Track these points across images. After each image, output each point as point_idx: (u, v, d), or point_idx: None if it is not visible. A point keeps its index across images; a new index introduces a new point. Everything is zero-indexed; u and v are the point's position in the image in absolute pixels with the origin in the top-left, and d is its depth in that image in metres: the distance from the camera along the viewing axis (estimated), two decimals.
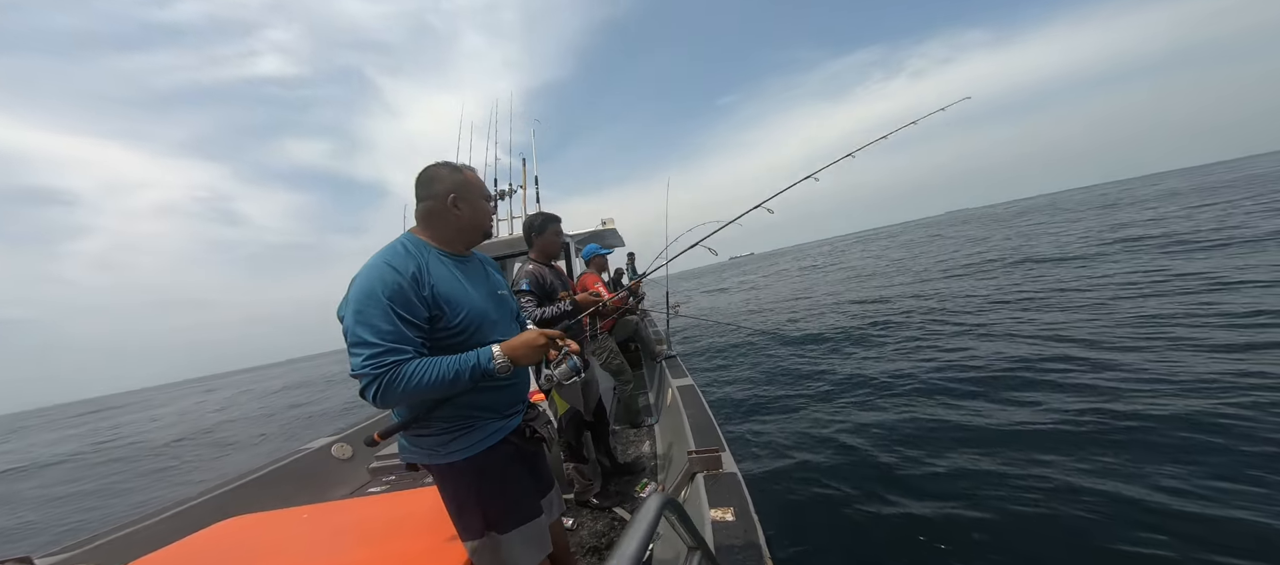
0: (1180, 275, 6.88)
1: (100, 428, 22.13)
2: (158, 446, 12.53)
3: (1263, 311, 4.69)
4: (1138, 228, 13.18)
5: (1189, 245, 9.01)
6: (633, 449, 3.32)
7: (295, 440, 7.02)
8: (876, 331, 7.35)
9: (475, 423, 1.21)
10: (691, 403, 2.65)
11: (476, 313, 1.22)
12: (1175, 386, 3.58)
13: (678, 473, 2.03)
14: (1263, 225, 9.64)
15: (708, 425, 2.30)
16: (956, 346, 5.69)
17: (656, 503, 0.85)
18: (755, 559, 1.22)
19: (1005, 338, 5.60)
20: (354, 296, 1.08)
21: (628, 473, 2.85)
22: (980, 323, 6.56)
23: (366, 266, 1.13)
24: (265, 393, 24.95)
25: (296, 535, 1.65)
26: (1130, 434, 3.10)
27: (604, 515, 2.47)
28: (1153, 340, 4.58)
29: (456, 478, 1.22)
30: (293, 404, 16.97)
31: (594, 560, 2.15)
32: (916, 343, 6.23)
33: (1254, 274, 6.14)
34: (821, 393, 5.01)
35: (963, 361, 5.04)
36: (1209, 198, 18.34)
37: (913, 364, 5.35)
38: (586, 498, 2.57)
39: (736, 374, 6.61)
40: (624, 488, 2.70)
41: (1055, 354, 4.68)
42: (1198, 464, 2.69)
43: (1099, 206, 26.52)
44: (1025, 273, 9.98)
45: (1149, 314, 5.39)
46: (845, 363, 6.02)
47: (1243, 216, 11.52)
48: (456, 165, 1.27)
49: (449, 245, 1.26)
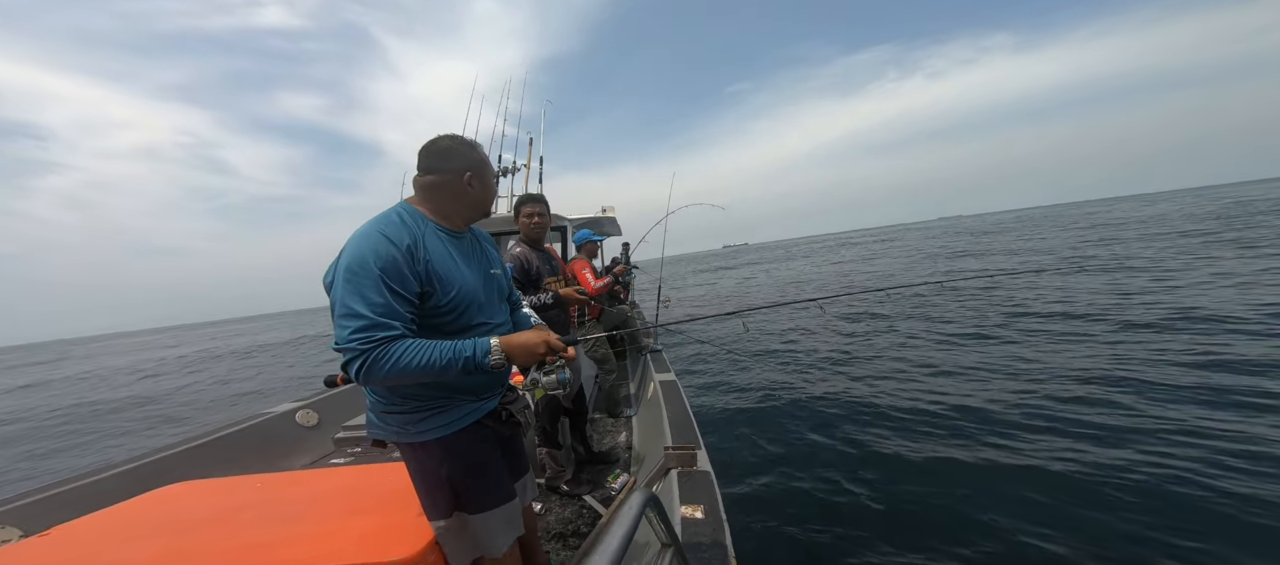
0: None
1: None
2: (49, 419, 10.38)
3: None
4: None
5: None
6: (609, 438, 3.30)
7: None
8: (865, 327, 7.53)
9: (450, 403, 1.17)
10: (672, 398, 2.64)
11: (468, 292, 1.17)
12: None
13: (652, 467, 2.02)
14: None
15: (686, 422, 2.29)
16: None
17: (640, 499, 0.84)
18: (721, 558, 1.23)
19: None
20: (345, 264, 1.02)
21: (601, 462, 2.84)
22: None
23: (359, 234, 1.06)
24: (230, 352, 23.81)
25: (245, 505, 1.52)
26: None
27: (573, 502, 2.45)
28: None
29: (425, 457, 1.18)
30: (259, 369, 16.00)
31: (559, 546, 2.13)
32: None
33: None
34: (793, 400, 5.10)
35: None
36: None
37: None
38: (557, 484, 2.54)
39: (713, 370, 6.67)
40: (596, 476, 2.68)
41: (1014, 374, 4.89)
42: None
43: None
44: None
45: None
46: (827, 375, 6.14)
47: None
48: (473, 142, 1.24)
49: (448, 221, 1.22)
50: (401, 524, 1.31)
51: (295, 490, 1.64)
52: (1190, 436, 3.22)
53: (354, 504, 1.48)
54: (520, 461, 1.48)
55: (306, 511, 1.46)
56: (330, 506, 1.48)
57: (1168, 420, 3.47)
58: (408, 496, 1.48)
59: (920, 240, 37.45)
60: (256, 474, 1.82)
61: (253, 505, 1.53)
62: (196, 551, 1.27)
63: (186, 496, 1.64)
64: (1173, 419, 3.48)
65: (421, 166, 1.19)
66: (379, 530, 1.30)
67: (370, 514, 1.40)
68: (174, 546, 1.29)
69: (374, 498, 1.51)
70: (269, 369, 15.50)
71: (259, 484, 1.69)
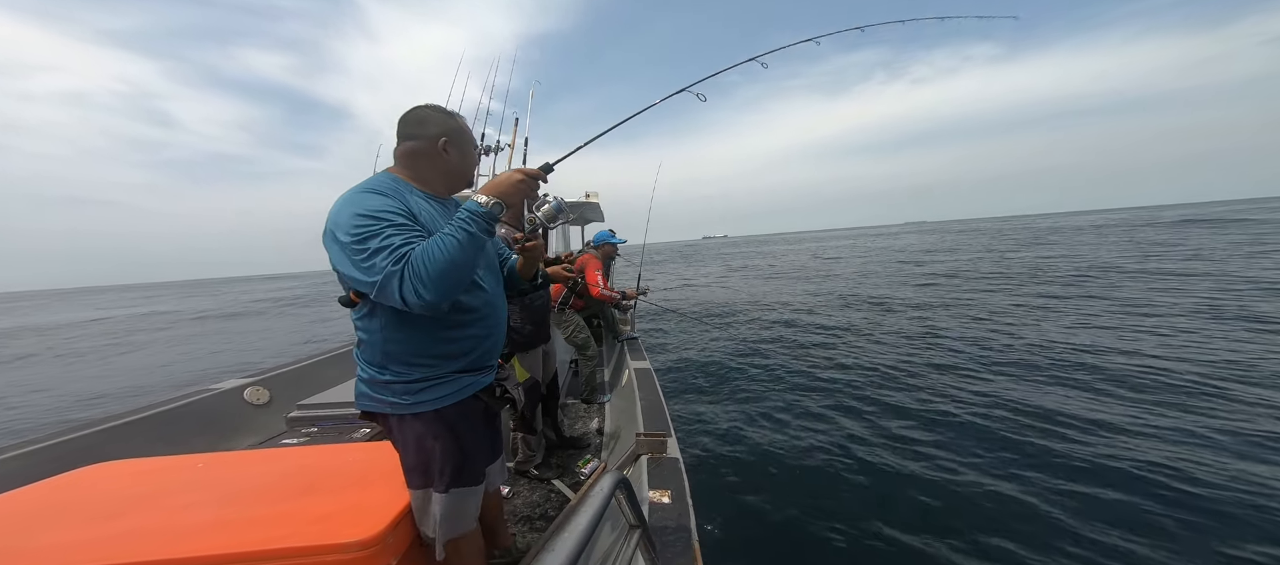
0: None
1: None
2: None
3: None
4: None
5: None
6: (580, 423, 3.28)
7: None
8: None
9: (447, 375, 1.17)
10: (646, 386, 2.65)
11: None
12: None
13: (623, 452, 2.02)
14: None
15: (658, 409, 2.30)
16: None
17: (610, 481, 0.84)
18: (685, 541, 1.27)
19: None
20: (344, 218, 1.00)
21: (572, 447, 2.82)
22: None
23: (345, 197, 1.07)
24: (176, 319, 21.69)
25: (180, 486, 1.39)
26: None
27: (542, 486, 2.43)
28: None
29: (420, 428, 1.17)
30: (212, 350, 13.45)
31: (526, 529, 2.11)
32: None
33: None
34: (763, 387, 5.25)
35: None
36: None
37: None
38: (527, 468, 2.51)
39: (686, 356, 6.78)
40: (566, 461, 2.66)
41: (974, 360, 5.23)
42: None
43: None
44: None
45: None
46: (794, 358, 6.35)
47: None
48: (451, 111, 1.24)
49: (429, 186, 1.22)
50: (360, 505, 1.25)
51: (241, 470, 1.52)
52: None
53: (308, 484, 1.39)
54: (498, 443, 1.48)
55: (253, 493, 1.36)
56: (281, 488, 1.38)
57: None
58: (368, 477, 1.42)
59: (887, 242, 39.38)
60: (199, 454, 1.70)
61: (190, 486, 1.40)
62: (120, 537, 1.13)
63: (111, 477, 1.47)
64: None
65: (400, 134, 1.20)
66: (337, 510, 1.23)
67: (326, 494, 1.32)
68: (93, 533, 1.15)
69: (330, 478, 1.42)
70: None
71: (198, 464, 1.55)
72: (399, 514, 1.21)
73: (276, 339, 13.91)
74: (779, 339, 7.57)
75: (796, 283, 15.85)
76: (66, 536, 1.15)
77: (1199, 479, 2.87)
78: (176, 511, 1.26)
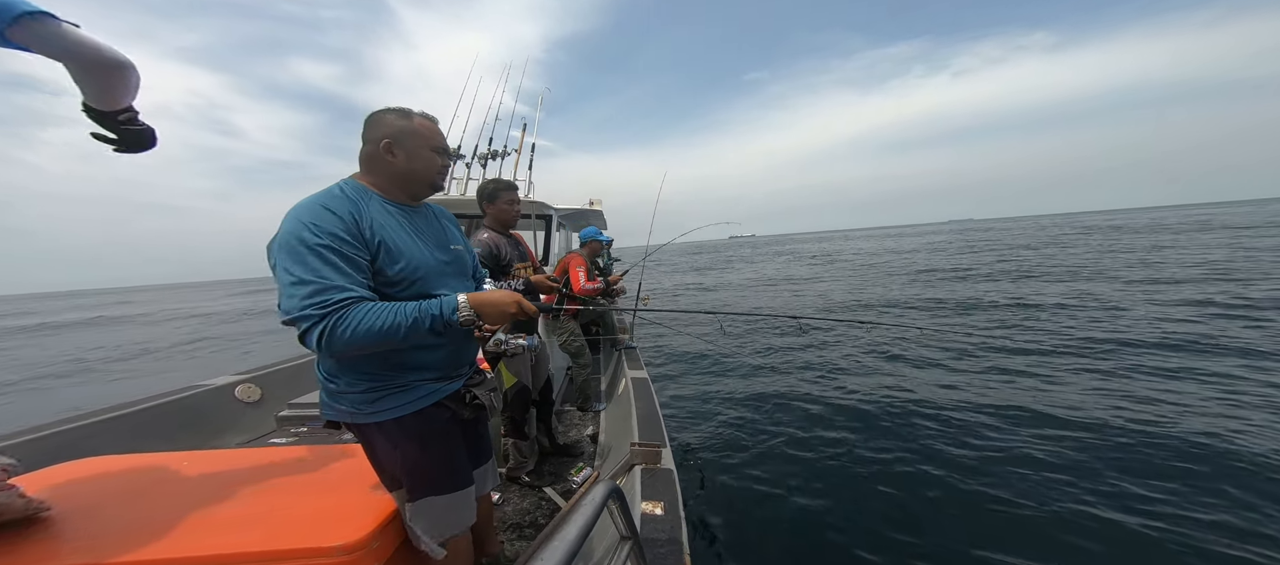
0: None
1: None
2: None
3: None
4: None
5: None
6: (574, 431, 3.25)
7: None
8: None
9: (408, 383, 1.12)
10: (643, 395, 2.63)
11: (419, 263, 1.13)
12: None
13: (617, 462, 2.00)
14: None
15: (654, 420, 2.29)
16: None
17: (603, 490, 0.83)
18: (676, 554, 1.25)
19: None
20: (288, 233, 0.97)
21: (565, 455, 2.79)
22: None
23: (298, 207, 1.03)
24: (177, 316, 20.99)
25: (163, 483, 1.36)
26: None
27: (532, 494, 2.40)
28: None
29: (379, 438, 1.14)
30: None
31: (515, 536, 2.08)
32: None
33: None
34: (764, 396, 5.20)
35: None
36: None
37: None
38: (518, 474, 2.49)
39: (683, 370, 6.72)
40: (558, 469, 2.63)
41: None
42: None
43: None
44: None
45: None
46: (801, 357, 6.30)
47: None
48: (406, 111, 1.18)
49: (388, 193, 1.17)
50: (349, 507, 1.23)
51: (227, 468, 1.49)
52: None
53: (296, 485, 1.37)
54: (483, 447, 1.44)
55: (239, 492, 1.33)
56: (268, 487, 1.36)
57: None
58: (357, 478, 1.39)
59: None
60: (186, 451, 1.67)
61: (173, 483, 1.37)
62: (96, 535, 1.10)
63: (90, 473, 1.43)
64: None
65: (362, 138, 1.17)
66: (323, 513, 1.21)
67: (315, 495, 1.31)
68: (70, 529, 1.12)
69: (320, 479, 1.41)
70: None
71: (184, 461, 1.52)
72: (386, 518, 1.19)
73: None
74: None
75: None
76: (41, 534, 1.11)
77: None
78: (157, 510, 1.23)
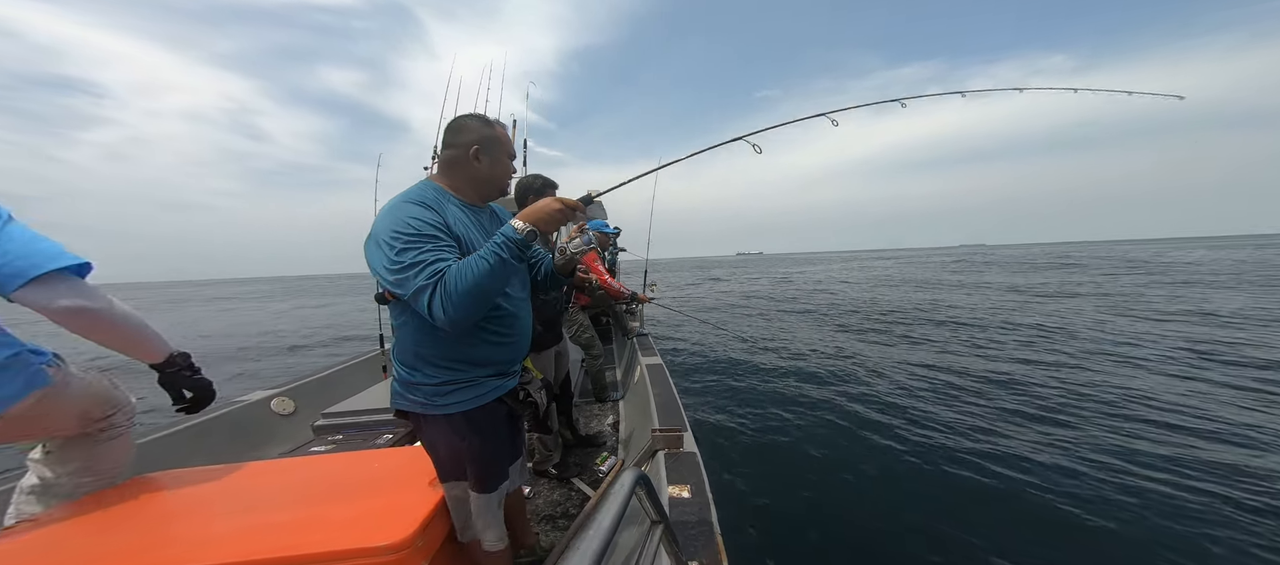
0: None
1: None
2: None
3: None
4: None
5: None
6: (595, 422, 3.31)
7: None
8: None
9: (476, 378, 1.22)
10: (659, 381, 2.65)
11: None
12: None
13: (639, 448, 2.03)
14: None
15: (672, 404, 2.31)
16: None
17: (630, 477, 0.84)
18: (707, 534, 1.26)
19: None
20: (387, 229, 1.07)
21: (589, 445, 2.85)
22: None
23: (391, 205, 1.14)
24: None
25: (217, 494, 1.47)
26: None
27: (562, 486, 2.46)
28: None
29: (449, 429, 1.23)
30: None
31: (549, 527, 2.14)
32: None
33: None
34: (776, 382, 5.21)
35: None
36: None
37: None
38: (545, 468, 2.54)
39: (693, 357, 6.75)
40: (584, 460, 2.69)
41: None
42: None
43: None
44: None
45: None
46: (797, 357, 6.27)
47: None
48: (487, 119, 1.28)
49: (463, 194, 1.27)
50: (388, 508, 1.28)
51: (272, 478, 1.58)
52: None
53: (337, 490, 1.44)
54: (518, 444, 1.52)
55: (285, 499, 1.42)
56: (311, 494, 1.44)
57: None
58: (395, 481, 1.46)
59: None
60: (231, 464, 1.76)
61: (226, 494, 1.47)
62: (167, 543, 1.22)
63: (155, 487, 1.55)
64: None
65: (444, 142, 1.27)
66: (364, 516, 1.27)
67: (355, 500, 1.37)
68: (144, 540, 1.24)
69: (358, 483, 1.47)
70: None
71: (233, 473, 1.62)
72: (428, 515, 1.25)
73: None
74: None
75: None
76: (123, 541, 1.24)
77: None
78: (216, 518, 1.32)
